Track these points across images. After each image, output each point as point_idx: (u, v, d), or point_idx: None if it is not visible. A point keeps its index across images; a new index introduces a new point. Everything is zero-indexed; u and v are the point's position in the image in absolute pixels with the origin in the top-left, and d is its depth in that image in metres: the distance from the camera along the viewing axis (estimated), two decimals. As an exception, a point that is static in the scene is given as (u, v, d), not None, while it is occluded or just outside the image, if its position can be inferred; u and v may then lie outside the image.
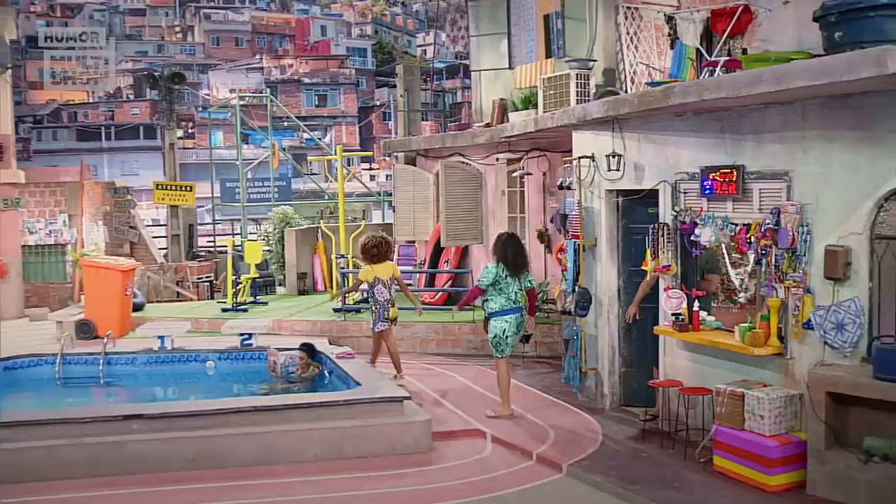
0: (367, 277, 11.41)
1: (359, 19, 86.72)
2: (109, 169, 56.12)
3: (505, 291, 9.82)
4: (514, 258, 9.89)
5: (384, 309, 11.42)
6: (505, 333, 9.83)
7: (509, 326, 9.82)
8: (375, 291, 11.42)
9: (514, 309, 9.85)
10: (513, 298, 9.84)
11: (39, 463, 8.14)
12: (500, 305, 9.82)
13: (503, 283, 9.80)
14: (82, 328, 15.03)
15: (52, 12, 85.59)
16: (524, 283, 9.97)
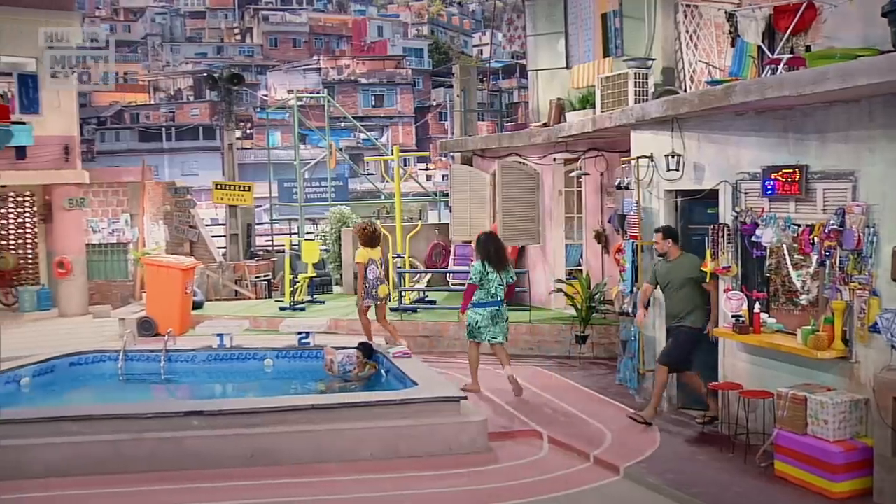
0: (364, 259, 12.02)
1: (415, 20, 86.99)
2: (170, 169, 56.98)
3: (485, 286, 10.79)
4: (497, 255, 10.88)
5: (373, 287, 11.96)
6: (478, 324, 10.86)
7: (482, 318, 10.84)
8: (368, 271, 11.99)
9: (491, 302, 10.83)
10: (492, 293, 10.82)
11: (102, 457, 8.30)
12: (479, 298, 10.83)
13: (485, 279, 10.77)
14: (144, 325, 15.27)
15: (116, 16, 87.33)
16: (506, 278, 10.97)
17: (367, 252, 12.10)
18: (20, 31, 18.33)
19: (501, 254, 11.01)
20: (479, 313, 10.86)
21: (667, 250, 9.60)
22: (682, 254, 9.61)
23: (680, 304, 9.50)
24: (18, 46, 18.65)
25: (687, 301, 9.44)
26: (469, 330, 10.99)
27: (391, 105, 68.68)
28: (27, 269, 19.86)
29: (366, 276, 11.99)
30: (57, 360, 11.85)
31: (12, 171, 18.48)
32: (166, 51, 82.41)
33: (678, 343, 9.50)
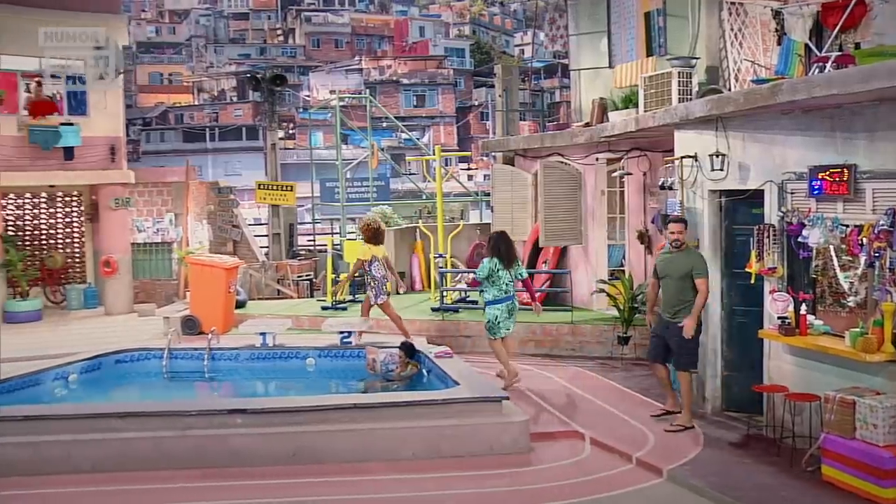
0: (367, 256, 12.58)
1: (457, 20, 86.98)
2: (213, 169, 57.49)
3: (497, 283, 11.18)
4: (507, 252, 11.27)
5: (382, 283, 12.67)
6: (497, 319, 11.23)
7: (500, 314, 11.21)
8: (373, 268, 12.64)
9: (505, 298, 11.25)
10: (504, 289, 11.23)
11: (147, 453, 8.40)
12: (494, 295, 11.20)
13: (496, 276, 11.14)
14: (188, 324, 15.43)
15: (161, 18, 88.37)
16: (515, 274, 11.33)
17: (370, 249, 12.66)
18: (69, 34, 18.60)
19: (511, 252, 11.42)
20: (497, 309, 11.23)
21: (685, 241, 9.60)
22: (686, 247, 9.63)
23: (675, 297, 9.52)
24: (67, 49, 18.93)
25: (682, 295, 9.45)
26: (489, 327, 11.32)
27: (433, 105, 68.75)
28: (74, 268, 20.18)
29: (373, 274, 12.61)
30: (103, 358, 12.06)
31: (61, 171, 18.78)
32: (210, 52, 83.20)
33: (684, 345, 9.45)
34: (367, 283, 13.01)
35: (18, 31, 18.13)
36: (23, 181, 18.70)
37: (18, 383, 10.51)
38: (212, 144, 65.10)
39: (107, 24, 19.24)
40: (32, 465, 8.26)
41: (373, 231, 12.90)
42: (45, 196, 20.04)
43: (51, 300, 19.86)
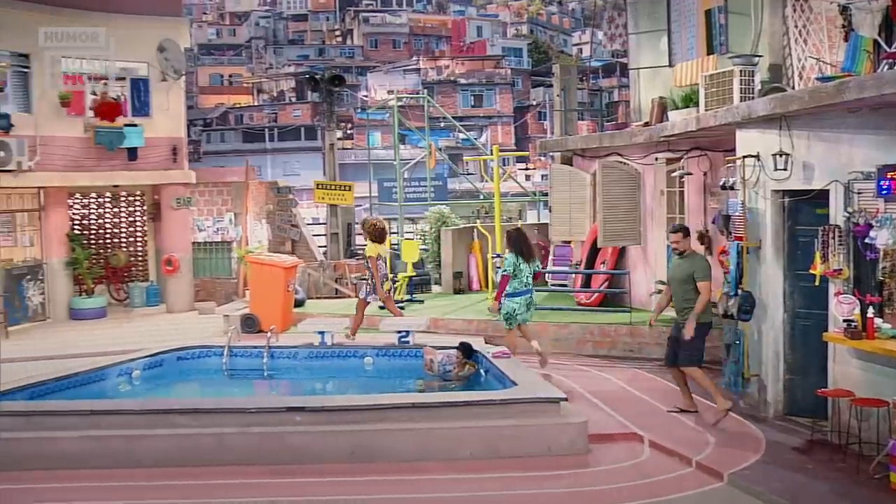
0: (374, 253, 13.07)
1: (514, 19, 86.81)
2: (272, 169, 58.11)
3: (519, 276, 11.85)
4: (526, 248, 12.02)
5: (381, 281, 13.14)
6: (515, 311, 11.88)
7: (518, 306, 11.87)
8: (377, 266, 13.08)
9: (525, 291, 11.91)
10: (525, 282, 11.90)
11: (208, 448, 8.51)
12: (514, 288, 11.85)
13: (518, 270, 11.84)
14: (247, 322, 15.62)
15: (222, 20, 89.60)
16: (533, 268, 12.01)
17: (376, 247, 13.17)
18: (132, 36, 18.99)
19: (530, 247, 12.20)
20: (516, 302, 11.88)
21: (686, 248, 10.07)
22: (691, 252, 10.11)
23: (680, 300, 10.00)
24: (131, 51, 19.31)
25: (686, 297, 9.90)
26: (507, 317, 11.94)
27: (490, 105, 68.67)
28: (137, 266, 20.56)
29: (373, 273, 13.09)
30: (165, 355, 12.26)
31: (124, 171, 19.15)
32: (269, 53, 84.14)
33: (685, 344, 9.87)
34: (366, 280, 13.56)
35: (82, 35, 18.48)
36: (88, 181, 19.11)
37: (84, 378, 10.74)
38: (271, 145, 65.78)
39: (169, 27, 19.62)
40: (97, 457, 8.43)
41: (379, 230, 13.46)
42: (109, 196, 20.45)
43: (114, 298, 20.26)
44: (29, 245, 18.86)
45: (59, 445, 8.52)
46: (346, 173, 27.99)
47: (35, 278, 18.62)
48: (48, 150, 17.99)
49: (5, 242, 18.13)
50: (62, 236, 19.15)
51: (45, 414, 8.93)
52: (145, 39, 19.12)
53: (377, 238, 13.39)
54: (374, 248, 13.24)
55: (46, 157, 17.96)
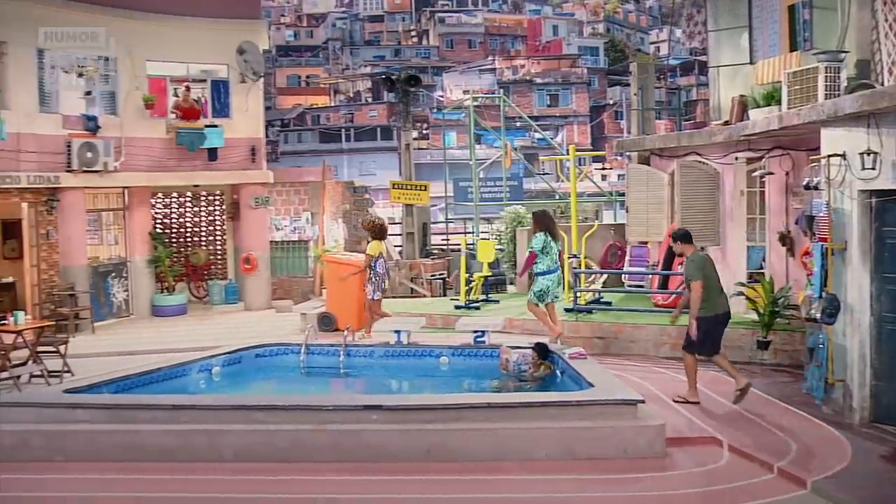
0: (376, 252, 13.30)
1: (590, 18, 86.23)
2: (349, 169, 58.71)
3: (550, 254, 12.15)
4: (553, 227, 12.39)
5: (382, 280, 13.49)
6: (548, 289, 12.15)
7: (551, 283, 12.16)
8: (377, 265, 13.39)
9: (556, 268, 12.23)
10: (554, 259, 12.21)
11: (286, 444, 8.62)
12: (547, 266, 12.13)
13: (549, 248, 12.13)
14: (324, 320, 15.78)
15: (299, 22, 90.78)
16: (558, 247, 12.34)
17: (378, 245, 13.42)
18: (212, 39, 19.38)
19: (555, 226, 12.53)
20: (549, 279, 12.16)
21: (683, 251, 10.78)
22: (693, 253, 10.64)
23: (685, 299, 10.73)
24: (210, 54, 19.72)
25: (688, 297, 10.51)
26: (540, 294, 12.16)
27: (566, 104, 68.32)
28: (216, 265, 20.95)
29: (376, 270, 13.41)
30: (244, 352, 12.45)
31: (205, 171, 19.52)
32: (346, 54, 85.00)
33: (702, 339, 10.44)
34: (368, 278, 13.70)
35: (165, 39, 18.95)
36: (170, 181, 19.54)
37: (167, 374, 10.99)
38: (347, 145, 66.44)
39: (248, 30, 19.95)
40: (179, 451, 8.61)
41: (378, 227, 13.82)
42: (189, 195, 20.89)
43: (194, 295, 20.68)
44: (114, 243, 19.37)
45: (142, 438, 8.73)
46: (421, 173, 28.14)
47: (119, 276, 19.11)
48: (132, 151, 18.45)
49: (92, 241, 18.65)
50: (145, 235, 19.61)
51: (130, 408, 9.14)
52: (225, 42, 19.48)
53: (379, 235, 13.75)
54: (377, 247, 13.49)
55: (131, 157, 18.42)
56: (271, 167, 22.52)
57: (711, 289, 10.41)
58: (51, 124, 17.24)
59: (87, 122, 17.81)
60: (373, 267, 13.50)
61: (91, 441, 8.77)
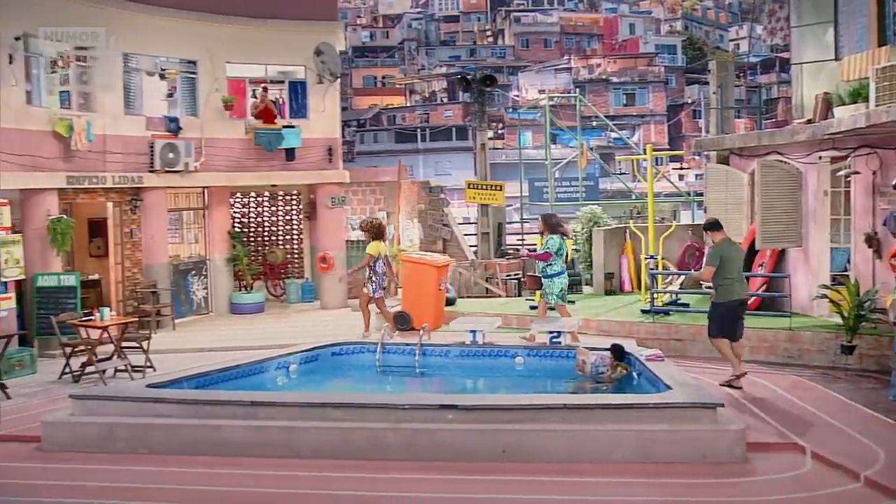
0: (376, 252, 13.70)
1: (668, 15, 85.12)
2: (424, 169, 58.93)
3: (562, 255, 13.18)
4: (564, 229, 13.67)
5: (382, 279, 13.90)
6: (562, 289, 13.30)
7: (566, 283, 13.43)
8: (377, 265, 13.81)
9: (566, 269, 13.43)
10: (565, 261, 13.37)
11: (362, 442, 8.67)
12: (561, 266, 13.24)
13: (562, 249, 13.15)
14: (399, 320, 15.85)
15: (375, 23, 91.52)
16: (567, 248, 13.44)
17: (377, 245, 13.78)
18: (290, 41, 19.63)
19: (565, 228, 13.76)
20: (564, 279, 13.33)
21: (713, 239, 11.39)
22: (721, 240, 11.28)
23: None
24: (288, 56, 19.97)
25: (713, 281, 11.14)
26: (562, 295, 13.34)
27: (643, 103, 67.60)
28: (293, 263, 21.22)
29: (375, 270, 13.77)
30: (321, 350, 12.58)
31: (282, 171, 19.79)
32: (421, 54, 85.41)
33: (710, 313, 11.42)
34: (368, 277, 14.14)
35: (245, 41, 19.26)
36: (248, 181, 19.86)
37: (245, 370, 11.16)
38: (423, 145, 66.71)
39: (325, 31, 20.16)
40: (256, 447, 8.73)
41: (377, 228, 14.16)
42: (267, 195, 21.19)
43: (271, 293, 20.97)
44: (194, 242, 19.76)
45: (221, 433, 8.87)
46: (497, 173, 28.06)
47: (199, 274, 19.48)
48: (212, 152, 18.79)
49: (173, 239, 19.05)
50: (224, 234, 19.95)
51: (210, 403, 9.30)
52: (303, 44, 19.71)
53: (378, 235, 14.07)
54: (376, 247, 13.76)
55: (211, 158, 18.76)
56: (347, 167, 22.72)
57: (731, 276, 10.99)
58: (135, 126, 17.65)
59: (169, 124, 18.20)
60: (372, 267, 13.76)
61: (172, 434, 8.95)
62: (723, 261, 10.94)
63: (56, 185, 15.85)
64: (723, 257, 10.97)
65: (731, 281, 10.99)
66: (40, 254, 15.52)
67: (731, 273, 10.99)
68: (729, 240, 11.41)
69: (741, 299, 11.21)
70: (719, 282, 10.99)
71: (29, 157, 15.24)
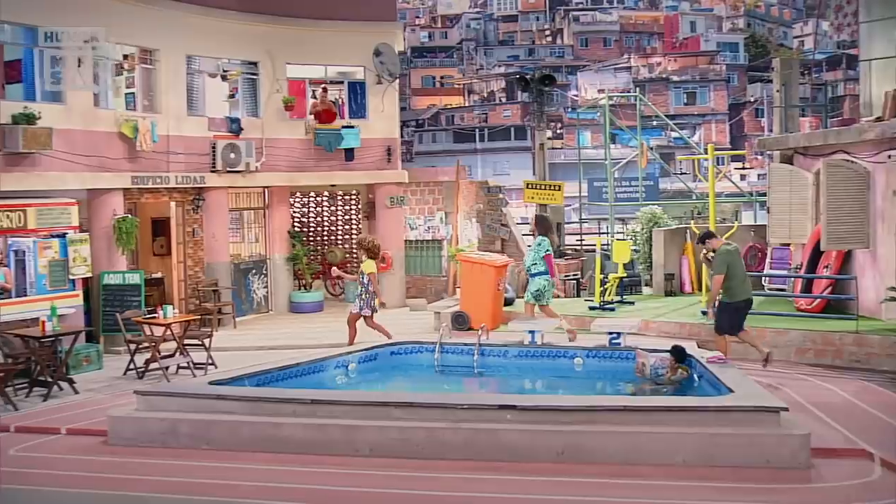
0: (368, 271, 13.66)
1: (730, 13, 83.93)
2: (482, 169, 58.91)
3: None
4: (551, 231, 14.08)
5: (372, 298, 13.67)
6: (545, 288, 13.51)
7: (548, 283, 13.57)
8: (369, 284, 13.59)
9: (548, 270, 13.57)
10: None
11: (421, 441, 8.67)
12: (545, 268, 13.51)
13: (550, 251, 13.49)
14: (458, 319, 15.86)
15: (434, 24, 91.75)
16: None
17: (371, 264, 13.72)
18: (349, 42, 19.77)
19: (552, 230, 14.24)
20: (545, 279, 13.51)
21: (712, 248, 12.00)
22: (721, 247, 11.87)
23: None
24: (347, 56, 20.12)
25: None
26: (538, 295, 13.50)
27: (704, 102, 66.77)
28: (352, 263, 21.33)
29: (367, 288, 13.58)
30: (379, 349, 12.64)
31: (341, 171, 19.95)
32: (480, 54, 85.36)
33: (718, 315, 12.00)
34: (359, 294, 13.81)
35: (304, 42, 19.47)
36: (308, 181, 20.06)
37: (305, 369, 11.25)
38: (481, 145, 66.68)
39: (384, 32, 20.26)
40: (317, 444, 8.77)
41: (372, 247, 14.07)
42: (326, 195, 21.36)
43: (330, 292, 21.13)
44: (254, 241, 20.00)
45: (281, 430, 8.95)
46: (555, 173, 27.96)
47: (260, 273, 19.71)
48: (273, 152, 19.00)
49: (234, 239, 19.30)
50: (284, 233, 20.16)
51: (271, 400, 9.39)
52: (362, 44, 19.83)
53: (374, 254, 14.01)
54: (370, 265, 13.76)
55: (271, 158, 18.98)
56: (406, 167, 22.80)
57: (737, 278, 11.67)
58: (197, 127, 17.93)
59: (231, 124, 18.45)
60: (365, 285, 13.69)
61: (234, 431, 9.06)
62: (728, 266, 11.63)
63: (122, 186, 16.17)
64: (729, 263, 11.64)
65: (738, 282, 11.71)
66: (106, 252, 15.85)
67: (738, 275, 11.72)
68: (726, 244, 12.02)
69: (748, 298, 11.91)
70: (728, 283, 11.64)
71: (96, 158, 15.57)
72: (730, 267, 11.65)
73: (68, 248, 14.48)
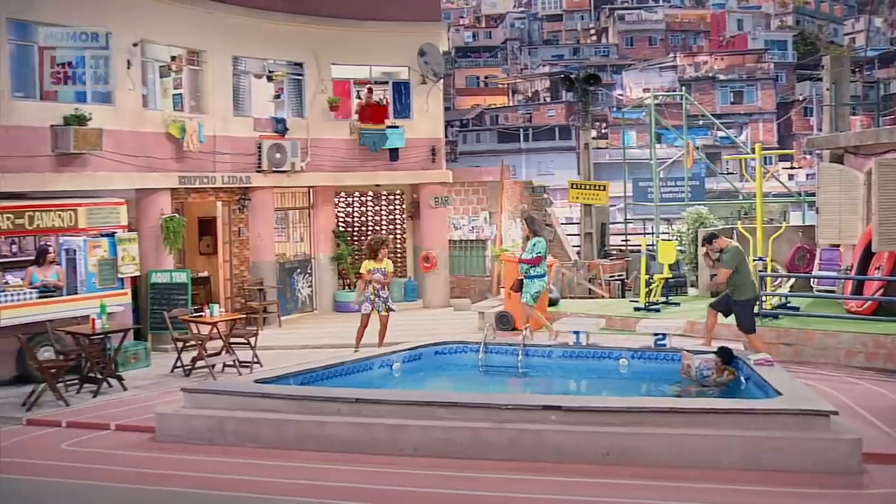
0: (364, 270, 14.02)
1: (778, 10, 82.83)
2: (527, 169, 58.76)
3: (546, 258, 13.50)
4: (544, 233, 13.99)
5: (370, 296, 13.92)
6: (538, 291, 13.37)
7: (543, 286, 13.61)
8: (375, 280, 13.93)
9: (545, 273, 13.64)
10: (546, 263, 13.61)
11: (465, 441, 8.66)
12: (543, 270, 13.47)
13: (544, 252, 13.39)
14: (502, 320, 15.83)
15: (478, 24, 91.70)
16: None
17: (369, 263, 14.06)
18: (394, 42, 19.84)
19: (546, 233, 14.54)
20: (544, 281, 13.62)
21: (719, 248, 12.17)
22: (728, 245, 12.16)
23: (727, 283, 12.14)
24: (392, 56, 20.19)
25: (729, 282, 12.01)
26: (536, 297, 13.42)
27: (751, 101, 65.94)
28: (396, 263, 21.35)
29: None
30: (424, 349, 12.66)
31: (386, 171, 20.02)
32: (524, 54, 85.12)
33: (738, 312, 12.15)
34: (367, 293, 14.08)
35: (349, 43, 19.56)
36: (353, 181, 20.15)
37: (350, 368, 11.32)
38: (525, 144, 66.49)
39: (428, 32, 20.29)
40: (362, 443, 8.80)
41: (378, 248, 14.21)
42: (371, 195, 21.43)
43: (376, 292, 21.13)
44: (299, 241, 20.14)
45: (326, 429, 8.99)
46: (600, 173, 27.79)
47: (304, 272, 19.84)
48: (318, 152, 19.13)
49: (279, 238, 19.44)
50: (328, 233, 20.28)
51: (316, 399, 9.44)
52: (406, 45, 19.89)
53: (372, 255, 14.21)
54: (367, 265, 14.05)
55: (316, 158, 19.10)
56: (450, 167, 22.85)
57: (747, 275, 12.12)
58: (243, 127, 18.11)
59: (276, 125, 18.60)
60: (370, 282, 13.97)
61: (279, 429, 9.12)
62: (738, 263, 11.97)
63: (169, 185, 16.37)
64: (739, 261, 12.01)
65: (748, 279, 12.19)
66: (154, 251, 16.06)
67: (748, 273, 12.26)
68: (732, 243, 12.33)
69: (757, 295, 12.73)
70: (741, 281, 11.98)
71: (144, 159, 15.78)
72: (739, 264, 11.98)
73: (117, 247, 14.68)
